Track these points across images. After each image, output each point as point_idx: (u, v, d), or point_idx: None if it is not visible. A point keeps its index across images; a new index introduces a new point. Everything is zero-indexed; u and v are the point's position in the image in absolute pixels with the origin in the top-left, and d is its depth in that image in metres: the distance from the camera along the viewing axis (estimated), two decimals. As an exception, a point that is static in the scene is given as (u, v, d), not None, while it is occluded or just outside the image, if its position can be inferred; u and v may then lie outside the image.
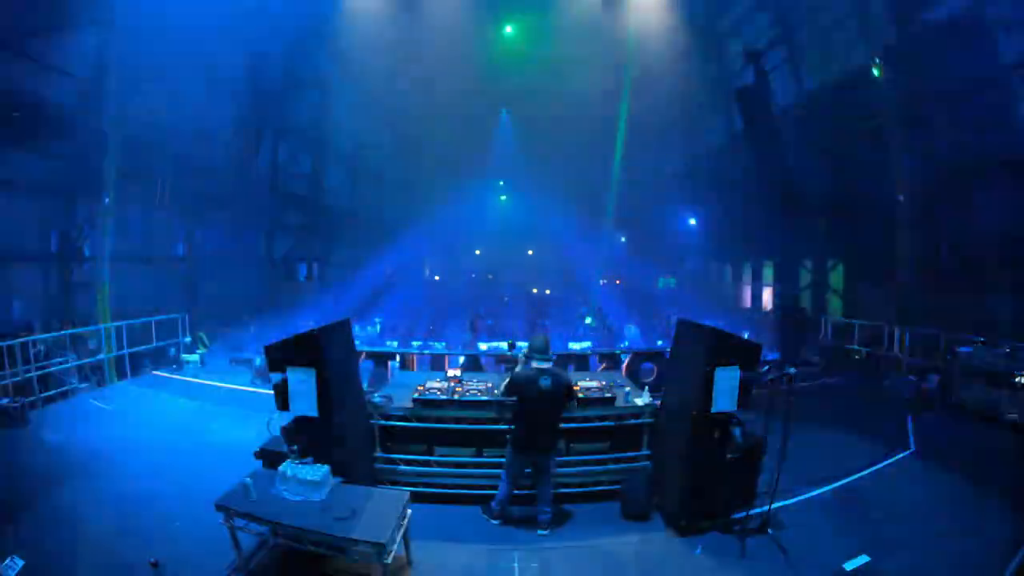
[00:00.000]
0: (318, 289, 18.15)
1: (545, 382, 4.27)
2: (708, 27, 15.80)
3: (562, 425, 4.57)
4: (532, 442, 4.39)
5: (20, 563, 3.66)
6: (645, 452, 4.98)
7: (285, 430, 4.40)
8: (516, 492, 4.60)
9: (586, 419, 4.88)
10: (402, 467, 4.95)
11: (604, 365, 8.17)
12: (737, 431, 4.39)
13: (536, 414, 4.34)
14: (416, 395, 5.01)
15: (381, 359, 8.28)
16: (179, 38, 10.97)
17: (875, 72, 10.40)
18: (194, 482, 5.02)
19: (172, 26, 10.58)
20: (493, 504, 4.59)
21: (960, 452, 6.24)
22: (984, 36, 9.00)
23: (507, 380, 4.49)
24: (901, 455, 6.14)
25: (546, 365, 4.39)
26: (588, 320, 12.95)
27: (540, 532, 4.49)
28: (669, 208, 19.19)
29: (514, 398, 4.40)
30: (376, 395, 5.20)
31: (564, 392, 4.38)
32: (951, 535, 4.31)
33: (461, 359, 8.26)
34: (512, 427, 4.48)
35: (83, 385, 8.76)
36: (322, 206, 18.56)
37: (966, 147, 9.78)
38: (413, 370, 8.30)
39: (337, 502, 3.68)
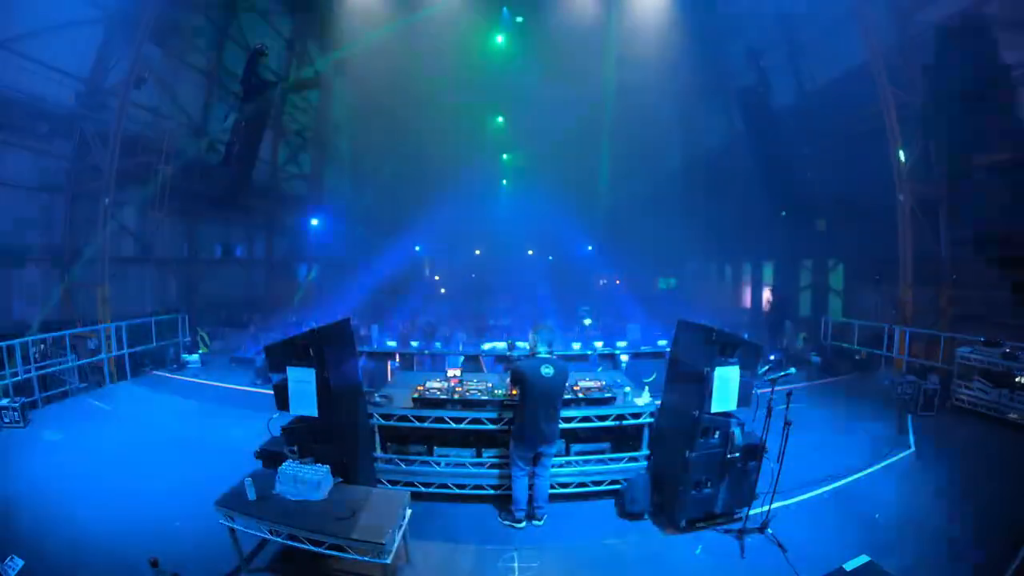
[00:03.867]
0: (318, 289, 18.13)
1: (547, 371, 4.35)
2: (708, 27, 15.78)
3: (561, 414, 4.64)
4: (536, 432, 4.42)
5: (20, 563, 3.66)
6: (645, 452, 4.98)
7: (285, 430, 4.40)
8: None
9: (586, 419, 4.88)
10: (402, 467, 4.95)
11: (604, 365, 8.17)
12: (737, 431, 4.39)
13: (539, 403, 4.39)
14: (416, 395, 5.01)
15: (381, 359, 8.28)
16: (180, 37, 10.97)
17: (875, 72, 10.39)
18: (194, 482, 5.03)
19: (171, 28, 10.59)
20: (514, 510, 4.56)
21: (960, 452, 6.25)
22: (984, 36, 9.00)
23: (511, 372, 4.59)
24: (901, 455, 6.14)
25: (547, 354, 4.47)
26: (587, 321, 12.92)
27: (535, 523, 4.54)
28: (669, 208, 19.17)
29: (516, 390, 4.48)
30: (376, 395, 5.20)
31: (564, 379, 4.51)
32: (951, 535, 4.31)
33: (461, 359, 8.26)
34: (514, 420, 4.54)
35: (83, 385, 8.76)
36: (321, 206, 18.54)
37: (966, 146, 9.79)
38: (413, 370, 8.29)
39: (337, 502, 3.68)
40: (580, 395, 5.00)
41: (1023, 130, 8.74)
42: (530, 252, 24.13)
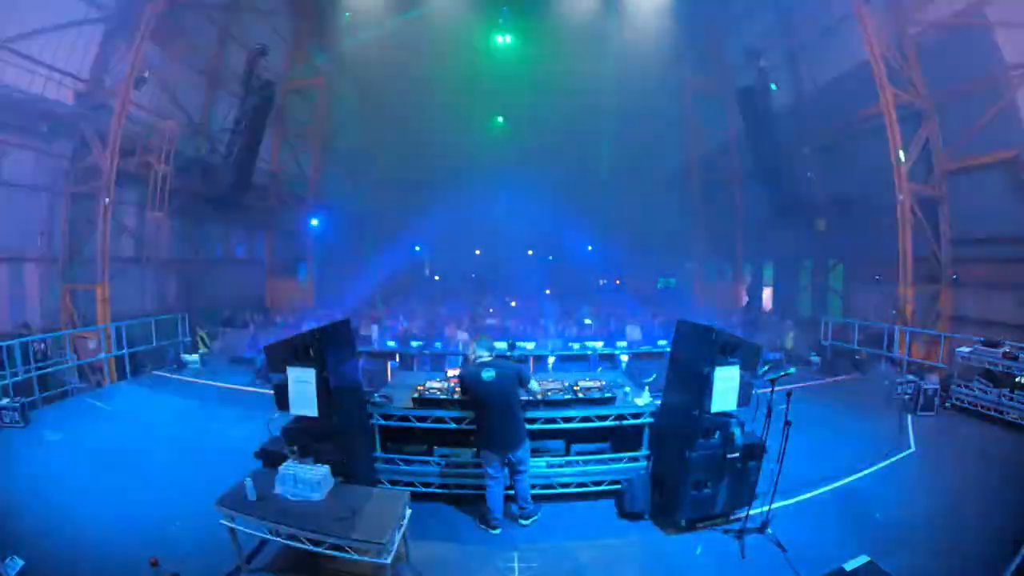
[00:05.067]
0: (318, 289, 18.13)
1: (488, 374, 4.27)
2: (708, 27, 15.80)
3: (524, 415, 4.53)
4: (495, 439, 4.35)
5: (20, 563, 3.66)
6: (645, 452, 4.98)
7: (285, 430, 4.40)
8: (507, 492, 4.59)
9: (586, 419, 4.88)
10: (402, 467, 4.95)
11: (604, 365, 8.17)
12: (737, 431, 4.39)
13: (490, 409, 4.32)
14: (416, 395, 5.01)
15: (381, 359, 8.29)
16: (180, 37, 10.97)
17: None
18: (194, 482, 5.03)
19: (171, 28, 10.58)
20: (488, 517, 4.51)
21: (960, 452, 6.25)
22: (984, 35, 9.01)
23: (458, 383, 4.61)
24: (901, 455, 6.14)
25: (488, 358, 4.39)
26: (587, 321, 12.94)
27: (521, 522, 4.53)
28: (669, 208, 19.20)
29: (467, 398, 4.47)
30: (376, 395, 5.20)
31: (512, 380, 4.34)
32: (951, 535, 4.31)
33: (461, 359, 8.25)
34: (476, 429, 4.52)
35: (83, 385, 8.76)
36: (321, 206, 18.56)
37: (965, 146, 9.80)
38: (413, 370, 8.29)
39: (337, 502, 3.68)
40: (580, 395, 5.00)
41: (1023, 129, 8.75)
42: (530, 252, 24.12)
